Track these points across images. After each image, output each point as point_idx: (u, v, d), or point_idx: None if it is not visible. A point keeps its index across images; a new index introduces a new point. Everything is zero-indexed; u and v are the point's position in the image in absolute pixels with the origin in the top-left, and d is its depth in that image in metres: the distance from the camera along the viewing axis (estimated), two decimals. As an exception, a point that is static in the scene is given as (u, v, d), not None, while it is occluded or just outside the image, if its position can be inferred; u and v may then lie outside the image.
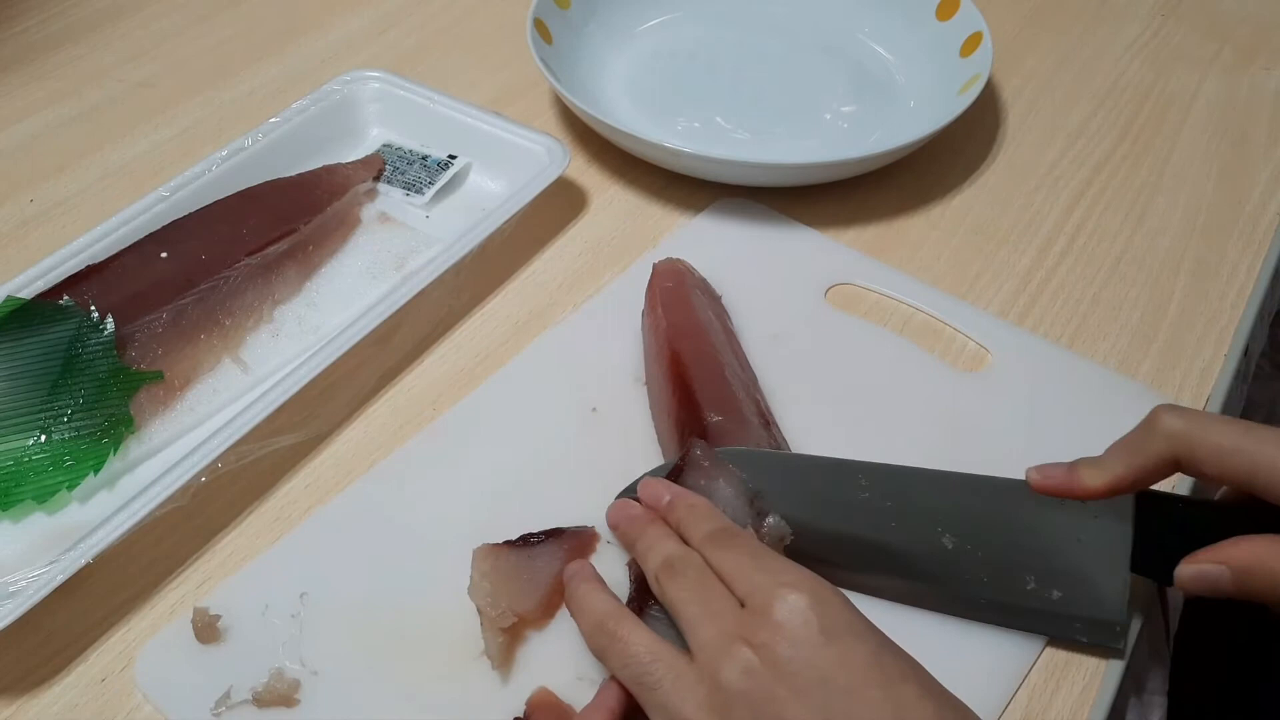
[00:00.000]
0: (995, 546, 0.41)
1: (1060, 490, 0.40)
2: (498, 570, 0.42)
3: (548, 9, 0.67)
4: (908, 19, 0.70)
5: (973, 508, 0.42)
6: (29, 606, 0.40)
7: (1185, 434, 0.38)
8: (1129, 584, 0.40)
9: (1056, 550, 0.41)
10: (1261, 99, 0.70)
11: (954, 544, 0.41)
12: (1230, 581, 0.37)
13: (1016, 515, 0.41)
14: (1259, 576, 0.36)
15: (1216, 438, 0.37)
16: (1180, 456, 0.38)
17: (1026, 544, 0.41)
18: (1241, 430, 0.37)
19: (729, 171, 0.59)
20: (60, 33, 0.74)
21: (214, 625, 0.41)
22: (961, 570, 0.41)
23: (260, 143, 0.59)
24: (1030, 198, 0.62)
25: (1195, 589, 0.38)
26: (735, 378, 0.48)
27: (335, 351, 0.48)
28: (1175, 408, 0.39)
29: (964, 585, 0.42)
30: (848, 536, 0.42)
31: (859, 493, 0.42)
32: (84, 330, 0.49)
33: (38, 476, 0.45)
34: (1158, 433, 0.38)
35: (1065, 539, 0.41)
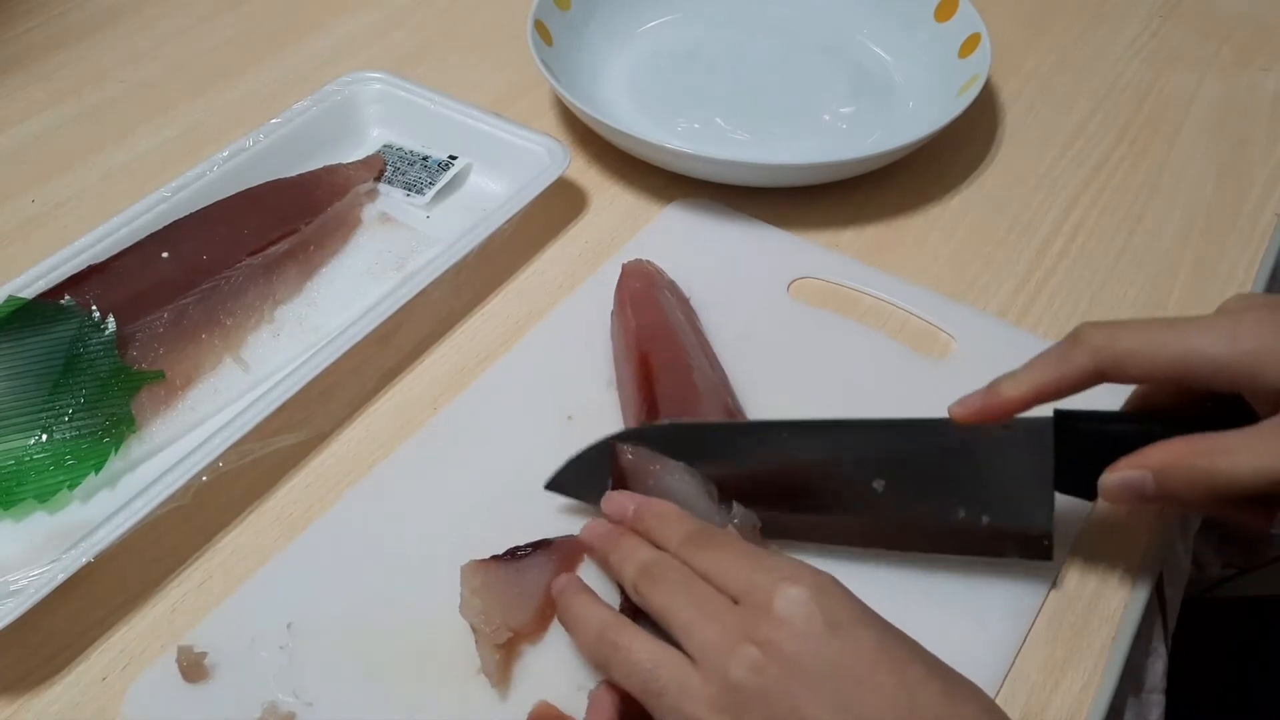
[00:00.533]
0: (924, 484, 0.42)
1: (981, 412, 0.40)
2: (488, 585, 0.42)
3: (548, 10, 0.67)
4: (907, 20, 0.70)
5: (900, 450, 0.43)
6: (30, 605, 0.40)
7: (1109, 341, 0.38)
8: (1053, 500, 0.41)
9: (982, 480, 0.42)
10: (1260, 99, 0.70)
11: (884, 486, 0.42)
12: (1152, 485, 0.37)
13: (942, 451, 0.42)
14: (1178, 474, 0.37)
15: (1139, 338, 0.38)
16: (1105, 365, 0.38)
17: (953, 478, 0.42)
18: (1162, 326, 0.38)
19: (728, 172, 0.59)
20: (61, 34, 0.74)
21: (200, 663, 0.40)
22: (894, 510, 0.42)
23: (261, 143, 0.59)
24: (1029, 198, 0.62)
25: (1119, 498, 0.38)
26: (704, 380, 0.48)
27: (336, 351, 0.48)
28: (1097, 322, 0.39)
29: (897, 523, 0.43)
30: (778, 492, 0.43)
31: (785, 447, 0.43)
32: (85, 330, 0.49)
33: (39, 475, 0.45)
34: (1082, 344, 0.39)
35: (990, 468, 0.41)
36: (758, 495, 0.43)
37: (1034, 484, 0.41)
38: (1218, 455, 0.36)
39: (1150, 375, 0.38)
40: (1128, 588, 0.44)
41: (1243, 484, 0.35)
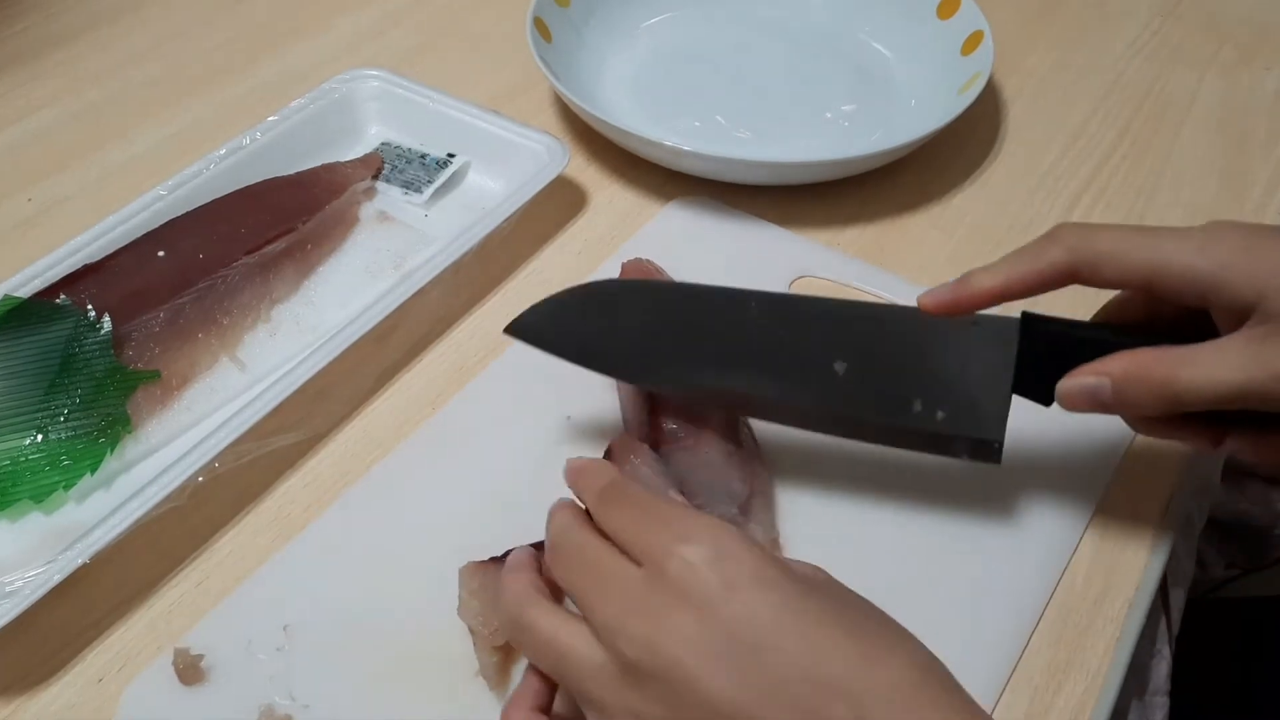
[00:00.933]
0: (884, 372, 0.42)
1: (950, 303, 0.40)
2: (486, 587, 0.41)
3: (547, 7, 0.67)
4: (908, 18, 0.70)
5: (864, 335, 0.42)
6: (26, 607, 0.39)
7: (1085, 241, 0.38)
8: (1008, 405, 0.41)
9: (942, 375, 0.41)
10: (1261, 99, 0.70)
11: (844, 370, 0.42)
12: (1110, 392, 0.37)
13: (906, 342, 0.42)
14: (1137, 383, 0.37)
15: (1114, 239, 0.38)
16: (1079, 264, 0.38)
17: (914, 369, 0.42)
18: (1138, 231, 0.38)
19: (729, 170, 0.59)
20: (58, 32, 0.74)
21: (197, 666, 0.40)
22: (851, 396, 0.42)
23: (259, 141, 0.59)
24: (1030, 197, 0.62)
25: (1076, 403, 0.38)
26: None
27: (333, 350, 0.48)
28: (1075, 222, 0.39)
29: (852, 409, 0.42)
30: (741, 361, 0.43)
31: (750, 319, 0.43)
32: (81, 329, 0.48)
33: (34, 476, 0.45)
34: (1058, 241, 0.39)
35: (951, 364, 0.41)
36: (720, 362, 0.43)
37: (993, 385, 0.41)
38: (1179, 365, 0.36)
39: (1122, 278, 0.38)
40: (1131, 589, 0.44)
41: (1201, 395, 0.35)
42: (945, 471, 0.47)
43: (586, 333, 0.44)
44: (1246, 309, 0.36)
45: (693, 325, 0.43)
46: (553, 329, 0.45)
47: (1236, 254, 0.36)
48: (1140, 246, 0.37)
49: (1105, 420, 0.48)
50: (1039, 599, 0.43)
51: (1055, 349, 0.40)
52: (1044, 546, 0.45)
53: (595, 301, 0.45)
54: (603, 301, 0.45)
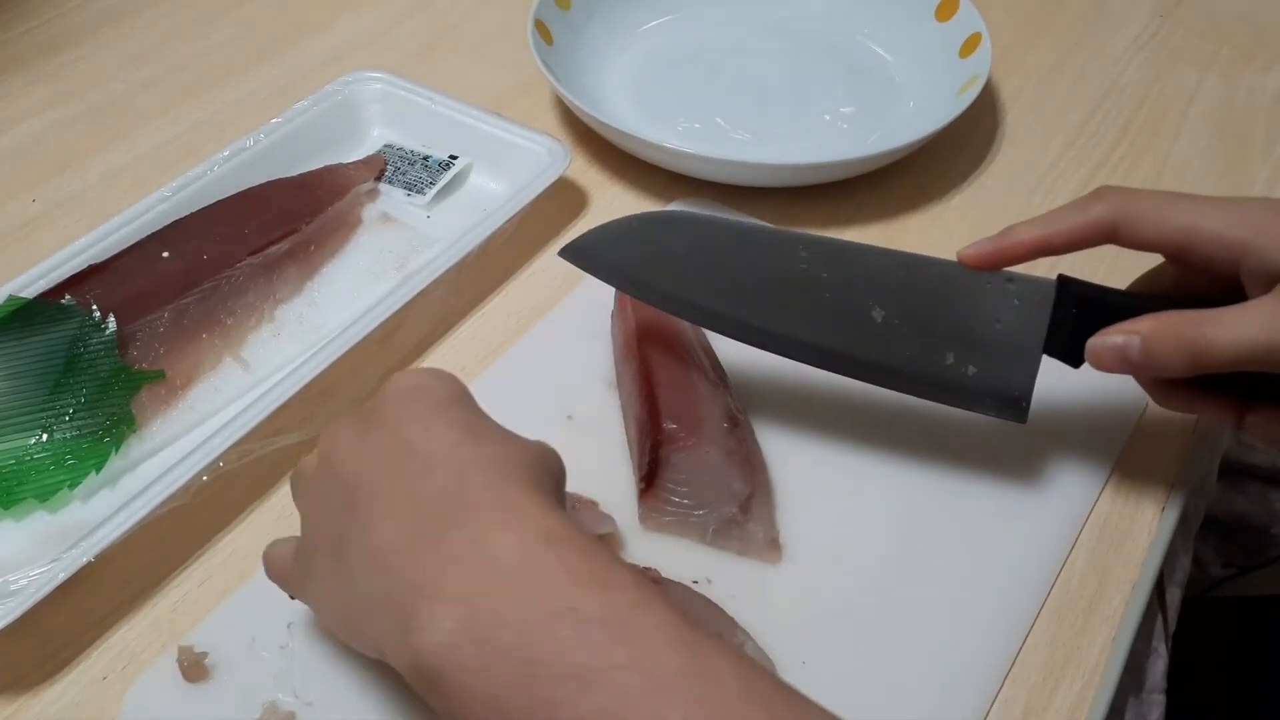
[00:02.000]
0: (920, 322, 0.43)
1: (992, 253, 0.42)
2: None
3: (549, 10, 0.67)
4: (907, 19, 0.70)
5: (905, 284, 0.43)
6: (30, 605, 0.40)
7: (1126, 200, 0.40)
8: (1038, 365, 0.42)
9: (977, 329, 0.43)
10: (1260, 99, 0.70)
11: (882, 317, 0.43)
12: (1139, 350, 0.38)
13: (945, 294, 0.43)
14: (1165, 340, 0.38)
15: (1153, 202, 0.39)
16: (1119, 221, 0.40)
17: (950, 322, 0.43)
18: (1174, 196, 0.40)
19: (729, 172, 0.59)
20: (63, 34, 0.74)
21: (201, 663, 0.40)
22: (886, 342, 0.43)
23: (262, 143, 0.59)
24: (1029, 198, 0.62)
25: (1104, 360, 0.39)
26: (704, 379, 0.48)
27: (336, 351, 0.48)
28: (1116, 185, 0.41)
29: (887, 356, 0.43)
30: (784, 302, 0.44)
31: (798, 261, 0.44)
32: (86, 329, 0.49)
33: (39, 475, 0.45)
34: (1101, 199, 0.40)
35: (986, 319, 0.42)
36: (764, 302, 0.44)
37: (1025, 343, 0.42)
38: (1206, 324, 0.37)
39: (1159, 239, 0.40)
40: (1128, 587, 0.44)
41: (1225, 353, 0.36)
42: (945, 472, 0.47)
43: (637, 262, 0.46)
44: (1276, 274, 0.37)
45: (742, 263, 0.44)
46: (606, 255, 0.46)
47: (1268, 221, 0.37)
48: (1177, 209, 0.39)
49: (1104, 420, 0.49)
50: (1036, 597, 0.43)
51: (1088, 312, 0.41)
52: (1041, 545, 0.45)
53: (651, 230, 0.46)
54: (657, 231, 0.46)
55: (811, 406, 0.49)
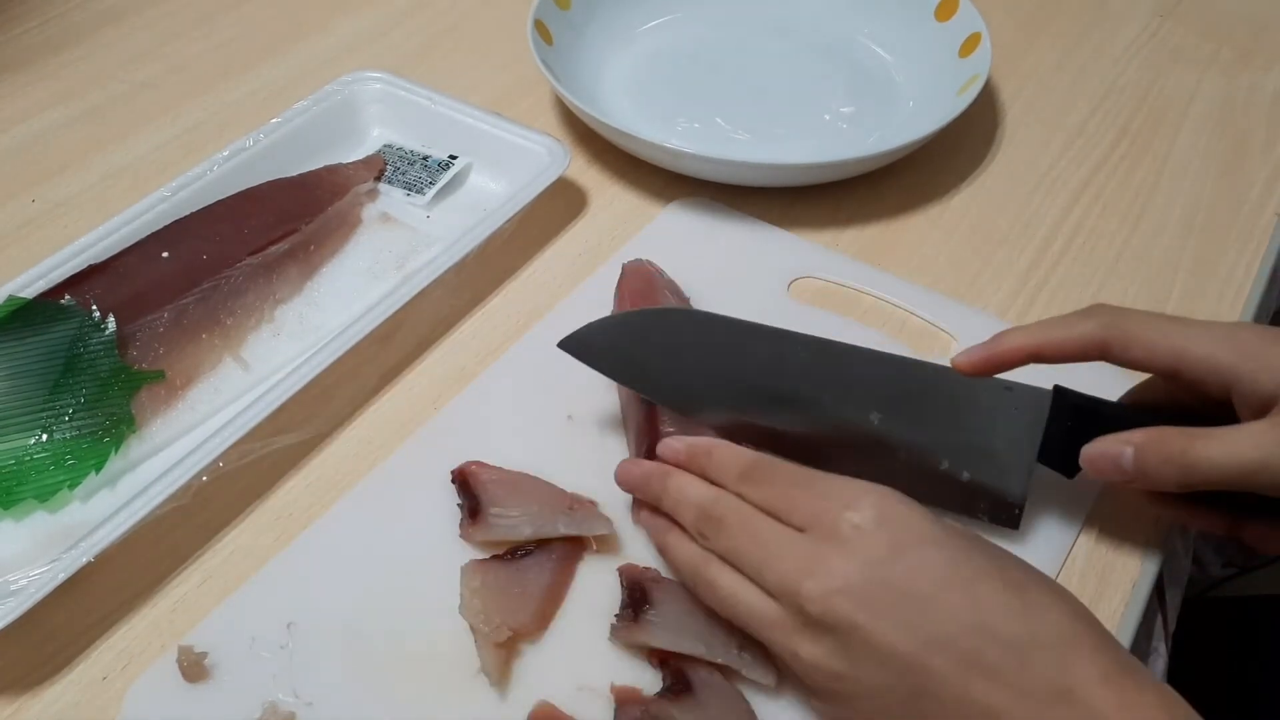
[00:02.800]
0: (917, 427, 0.43)
1: (984, 360, 0.42)
2: (488, 586, 0.42)
3: (548, 10, 0.67)
4: (907, 19, 0.70)
5: (903, 388, 0.43)
6: (30, 605, 0.40)
7: (1117, 320, 0.40)
8: (1032, 472, 0.42)
9: (973, 435, 0.43)
10: (1260, 99, 0.70)
11: (880, 421, 0.43)
12: (1131, 459, 0.38)
13: (941, 399, 0.43)
14: (1157, 453, 0.38)
15: (1146, 322, 0.40)
16: (1109, 340, 0.40)
17: (946, 427, 0.43)
18: (1166, 318, 0.40)
19: (729, 172, 0.59)
20: (62, 34, 0.74)
21: (201, 663, 0.40)
22: (883, 446, 0.43)
23: (262, 143, 0.59)
24: (1029, 198, 0.62)
25: (1099, 467, 0.39)
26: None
27: (336, 351, 0.48)
28: (1109, 304, 0.41)
29: (883, 459, 0.43)
30: (783, 400, 0.44)
31: (799, 360, 0.44)
32: (85, 329, 0.49)
33: (39, 475, 0.45)
34: (1092, 317, 0.41)
35: (982, 425, 0.43)
36: (758, 399, 0.44)
37: (1020, 450, 0.42)
38: (1199, 439, 0.37)
39: (1149, 360, 0.40)
40: (1128, 587, 0.44)
41: (1217, 469, 0.37)
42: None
43: (635, 356, 0.45)
44: (1268, 400, 0.37)
45: (741, 361, 0.44)
46: (605, 349, 0.45)
47: (1258, 346, 0.38)
48: (1168, 333, 0.39)
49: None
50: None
51: (1082, 422, 0.41)
52: (1041, 546, 0.45)
53: (650, 325, 0.45)
54: (656, 326, 0.45)
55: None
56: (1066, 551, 0.45)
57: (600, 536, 0.44)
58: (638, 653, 0.41)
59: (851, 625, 0.34)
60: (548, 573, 0.43)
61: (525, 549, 0.43)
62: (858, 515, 0.35)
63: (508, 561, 0.43)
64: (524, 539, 0.44)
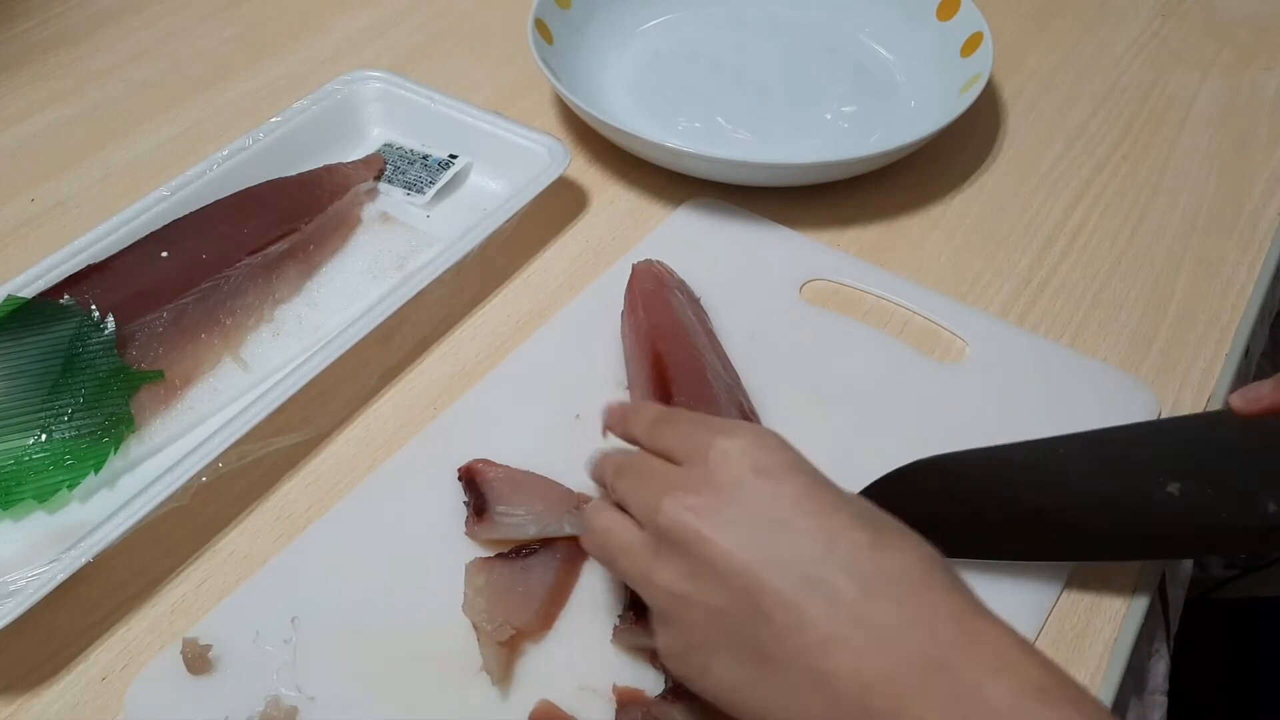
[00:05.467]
0: (1226, 480, 0.40)
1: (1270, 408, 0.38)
2: (491, 584, 0.42)
3: (549, 9, 0.67)
4: (908, 19, 0.70)
5: (1186, 449, 0.41)
6: (30, 605, 0.40)
7: None
8: None
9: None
10: (1262, 99, 0.70)
11: (1180, 489, 0.40)
12: None
13: (1235, 445, 0.40)
14: None
15: None
16: None
17: (1256, 470, 0.40)
18: None
19: (729, 171, 0.59)
20: (62, 33, 0.74)
21: (205, 656, 0.40)
22: (1196, 512, 0.40)
23: (261, 142, 0.59)
24: (1030, 198, 0.62)
25: None
26: (718, 379, 0.48)
27: (336, 351, 0.48)
28: None
29: (1201, 525, 0.40)
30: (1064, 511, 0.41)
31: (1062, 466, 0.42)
32: (85, 329, 0.49)
33: (38, 475, 0.45)
34: None
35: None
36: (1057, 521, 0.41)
37: None
38: None
39: None
40: (1130, 589, 0.44)
41: None
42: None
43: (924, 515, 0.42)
44: None
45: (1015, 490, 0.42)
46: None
47: None
48: None
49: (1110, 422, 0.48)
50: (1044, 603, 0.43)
51: None
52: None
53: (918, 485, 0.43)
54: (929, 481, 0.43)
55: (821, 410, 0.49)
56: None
57: None
58: (640, 654, 0.41)
59: (698, 537, 0.33)
60: (552, 572, 0.43)
61: (530, 548, 0.43)
62: (727, 442, 0.35)
63: (512, 560, 0.43)
64: (529, 538, 0.44)
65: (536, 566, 0.43)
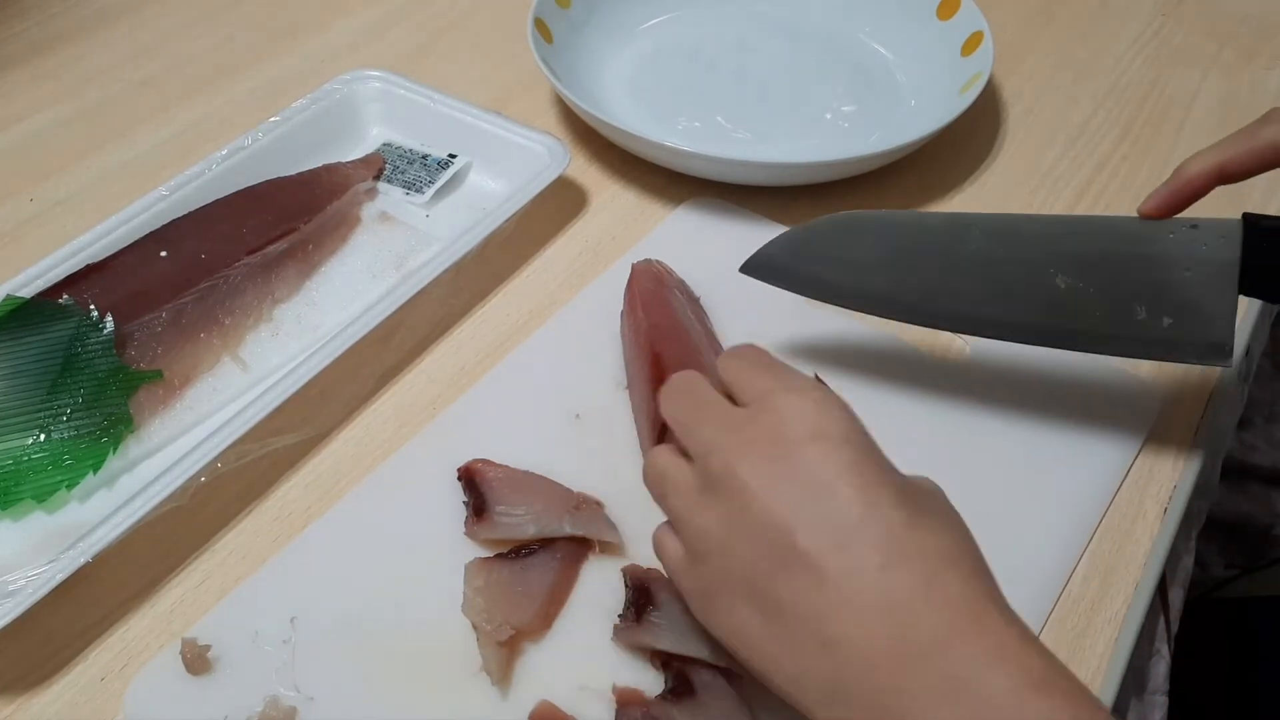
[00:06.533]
0: (1107, 282, 0.42)
1: (1169, 196, 0.41)
2: (491, 584, 0.42)
3: (548, 8, 0.67)
4: (908, 18, 0.70)
5: (1083, 248, 0.43)
6: (28, 605, 0.40)
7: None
8: (1236, 306, 0.41)
9: (1166, 280, 0.42)
10: (1262, 98, 0.69)
11: (1066, 284, 0.43)
12: None
13: (1128, 251, 0.42)
14: None
15: None
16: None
17: (1136, 277, 0.42)
18: None
19: (729, 171, 0.59)
20: (61, 32, 0.74)
21: (204, 656, 0.40)
22: (1075, 307, 0.43)
23: (260, 141, 0.59)
24: (1031, 197, 0.62)
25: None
26: (717, 380, 0.47)
27: (335, 350, 0.48)
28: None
29: (1078, 320, 0.43)
30: (967, 285, 0.45)
31: (972, 244, 0.44)
32: (83, 329, 0.49)
33: (37, 475, 0.45)
34: (1271, 121, 0.39)
35: (1174, 269, 0.42)
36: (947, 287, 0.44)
37: (1218, 286, 0.41)
38: None
39: None
40: (1130, 589, 0.44)
41: None
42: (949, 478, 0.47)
43: (819, 267, 0.46)
44: None
45: (921, 253, 0.45)
46: (784, 264, 0.47)
47: None
48: None
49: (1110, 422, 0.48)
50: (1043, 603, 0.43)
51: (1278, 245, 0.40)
52: (1048, 550, 0.45)
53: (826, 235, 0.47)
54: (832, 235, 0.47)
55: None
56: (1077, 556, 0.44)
57: (605, 543, 0.44)
58: (640, 654, 0.41)
59: (743, 489, 0.33)
60: (551, 572, 0.43)
61: (530, 548, 0.43)
62: (791, 398, 0.35)
63: (511, 560, 0.43)
64: (529, 538, 0.43)
65: (536, 566, 0.43)
